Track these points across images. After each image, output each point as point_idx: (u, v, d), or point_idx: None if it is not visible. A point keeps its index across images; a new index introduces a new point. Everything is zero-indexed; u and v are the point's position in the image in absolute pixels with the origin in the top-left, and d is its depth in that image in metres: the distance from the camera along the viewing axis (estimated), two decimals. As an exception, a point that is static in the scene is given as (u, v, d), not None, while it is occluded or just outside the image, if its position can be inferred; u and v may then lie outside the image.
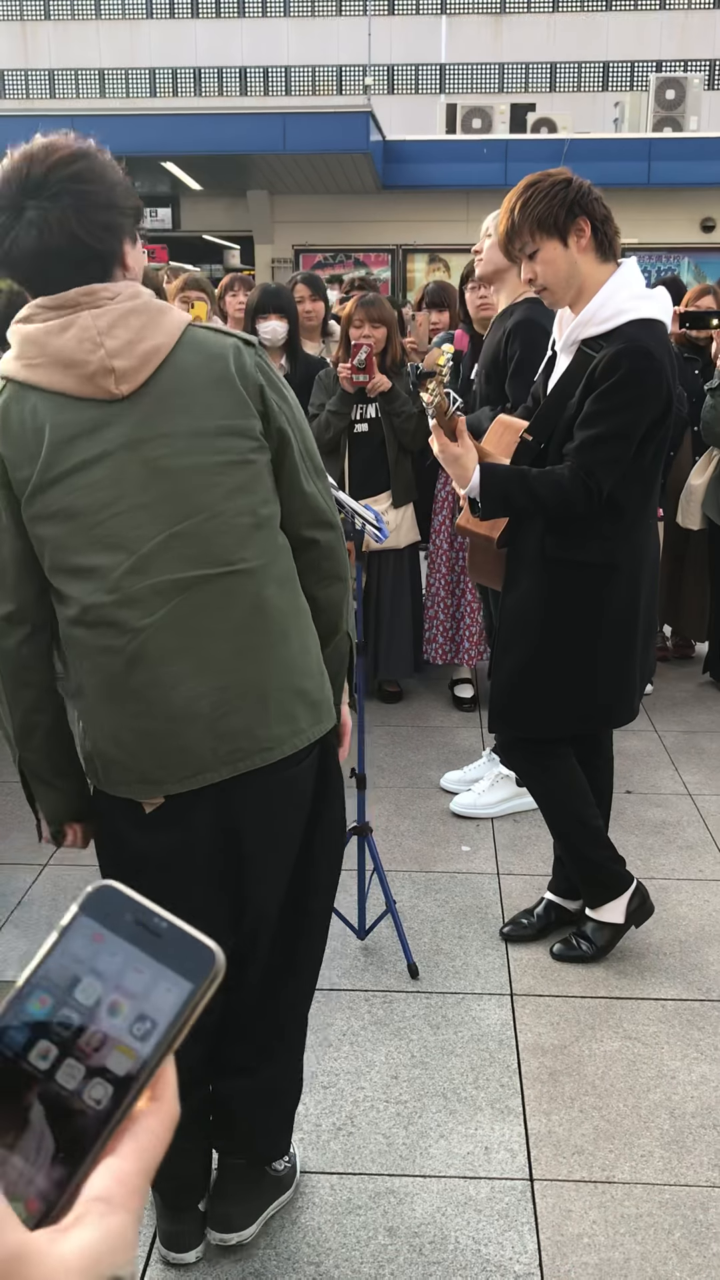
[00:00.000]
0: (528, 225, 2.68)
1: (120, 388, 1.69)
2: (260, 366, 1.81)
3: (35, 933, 3.19)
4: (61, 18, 20.92)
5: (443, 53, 20.26)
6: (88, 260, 1.69)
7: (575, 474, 2.64)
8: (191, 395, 1.73)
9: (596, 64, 19.95)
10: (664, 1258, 2.10)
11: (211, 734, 1.76)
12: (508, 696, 2.93)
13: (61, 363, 1.67)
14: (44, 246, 1.66)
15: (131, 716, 1.75)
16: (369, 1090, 2.56)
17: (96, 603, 1.71)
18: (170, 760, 1.77)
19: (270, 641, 1.80)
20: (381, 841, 3.74)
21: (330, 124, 11.42)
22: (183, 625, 1.73)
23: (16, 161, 1.68)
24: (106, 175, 1.70)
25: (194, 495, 1.72)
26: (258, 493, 1.79)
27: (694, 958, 3.09)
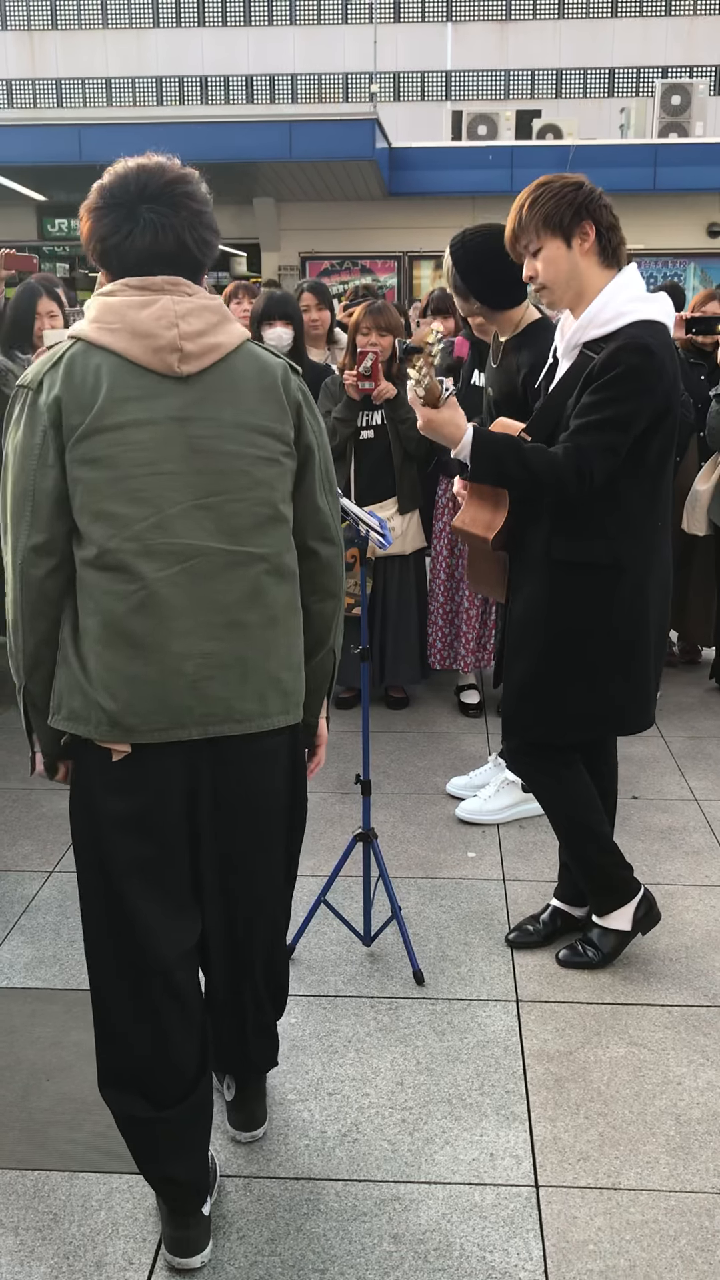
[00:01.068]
0: (534, 223, 2.71)
1: (183, 367, 1.88)
2: (301, 389, 2.04)
3: (42, 939, 3.20)
4: (68, 27, 20.99)
5: (448, 60, 20.29)
6: (185, 266, 1.95)
7: (569, 452, 2.64)
8: (241, 393, 1.93)
9: (602, 70, 19.96)
10: (669, 1264, 2.10)
11: (192, 693, 1.90)
12: (519, 702, 2.92)
13: (137, 332, 1.87)
14: (156, 248, 1.91)
15: (123, 660, 1.87)
16: (374, 1097, 2.56)
17: (115, 548, 1.85)
18: (148, 710, 1.89)
19: (260, 624, 1.96)
20: (387, 847, 3.74)
21: (336, 131, 11.44)
22: (188, 587, 1.88)
23: (131, 171, 1.93)
24: (208, 201, 1.98)
25: (225, 476, 1.90)
26: (278, 490, 1.97)
27: (700, 964, 3.08)
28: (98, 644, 1.88)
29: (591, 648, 2.81)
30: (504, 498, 2.87)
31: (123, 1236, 2.17)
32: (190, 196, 1.93)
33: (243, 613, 1.93)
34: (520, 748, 3.01)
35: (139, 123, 12.61)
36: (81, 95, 21.01)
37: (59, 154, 11.92)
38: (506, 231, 2.80)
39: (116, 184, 1.93)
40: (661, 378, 2.61)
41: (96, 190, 1.95)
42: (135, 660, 1.88)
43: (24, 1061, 2.67)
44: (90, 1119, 2.47)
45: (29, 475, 1.87)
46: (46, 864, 3.64)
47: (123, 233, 1.91)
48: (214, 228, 1.98)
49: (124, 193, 1.92)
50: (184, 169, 1.96)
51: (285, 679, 2.02)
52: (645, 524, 2.77)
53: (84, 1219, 2.22)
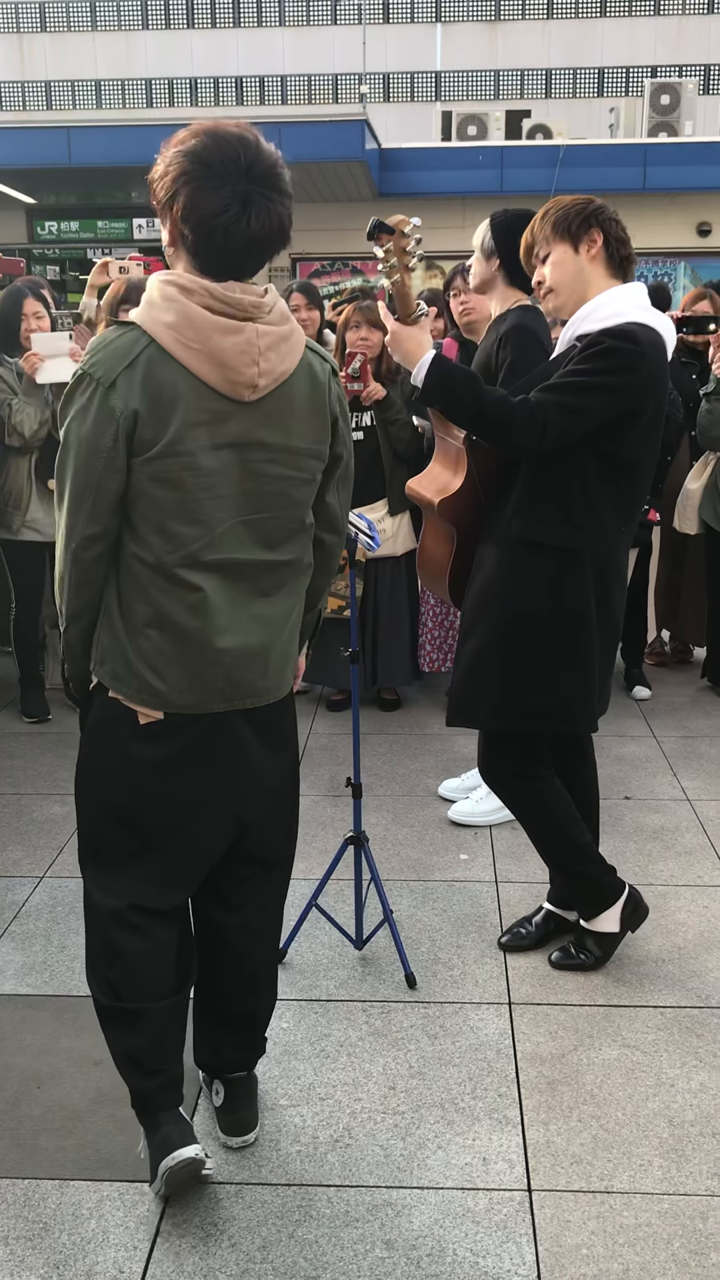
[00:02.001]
0: (544, 231, 2.79)
1: (251, 396, 1.96)
2: (341, 398, 2.13)
3: (32, 945, 3.18)
4: (57, 29, 20.95)
5: (438, 60, 20.28)
6: (269, 255, 1.96)
7: (525, 402, 2.65)
8: (294, 417, 2.02)
9: (591, 70, 19.96)
10: (663, 1268, 2.09)
11: (226, 679, 2.09)
12: (467, 684, 2.91)
13: (217, 360, 1.90)
14: (265, 236, 1.90)
15: (171, 646, 2.05)
16: (366, 1102, 2.54)
17: (171, 562, 2.00)
18: (187, 689, 2.08)
19: (280, 616, 2.15)
20: (379, 850, 3.73)
21: (326, 132, 11.42)
22: (230, 592, 2.05)
23: (233, 142, 1.85)
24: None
25: (268, 498, 2.03)
26: (306, 507, 2.12)
27: (693, 965, 3.08)
28: (149, 628, 2.05)
29: (541, 632, 2.80)
30: (463, 465, 2.85)
31: (113, 1245, 2.16)
32: (288, 181, 1.93)
33: (267, 608, 2.11)
34: (495, 766, 2.99)
35: (129, 125, 12.57)
36: (71, 97, 20.97)
37: (48, 156, 11.89)
38: (522, 248, 2.88)
39: (222, 154, 1.84)
40: (639, 369, 2.61)
41: (191, 157, 1.85)
42: (183, 649, 2.05)
43: (14, 1069, 2.65)
44: (81, 1127, 2.46)
45: (94, 473, 1.94)
46: (37, 869, 3.62)
47: (231, 214, 1.84)
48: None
49: (234, 167, 1.84)
50: (273, 147, 1.93)
51: (292, 654, 2.23)
52: (611, 522, 2.77)
53: (74, 1228, 2.20)
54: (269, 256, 1.96)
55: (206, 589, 2.03)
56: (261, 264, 1.97)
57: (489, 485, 2.89)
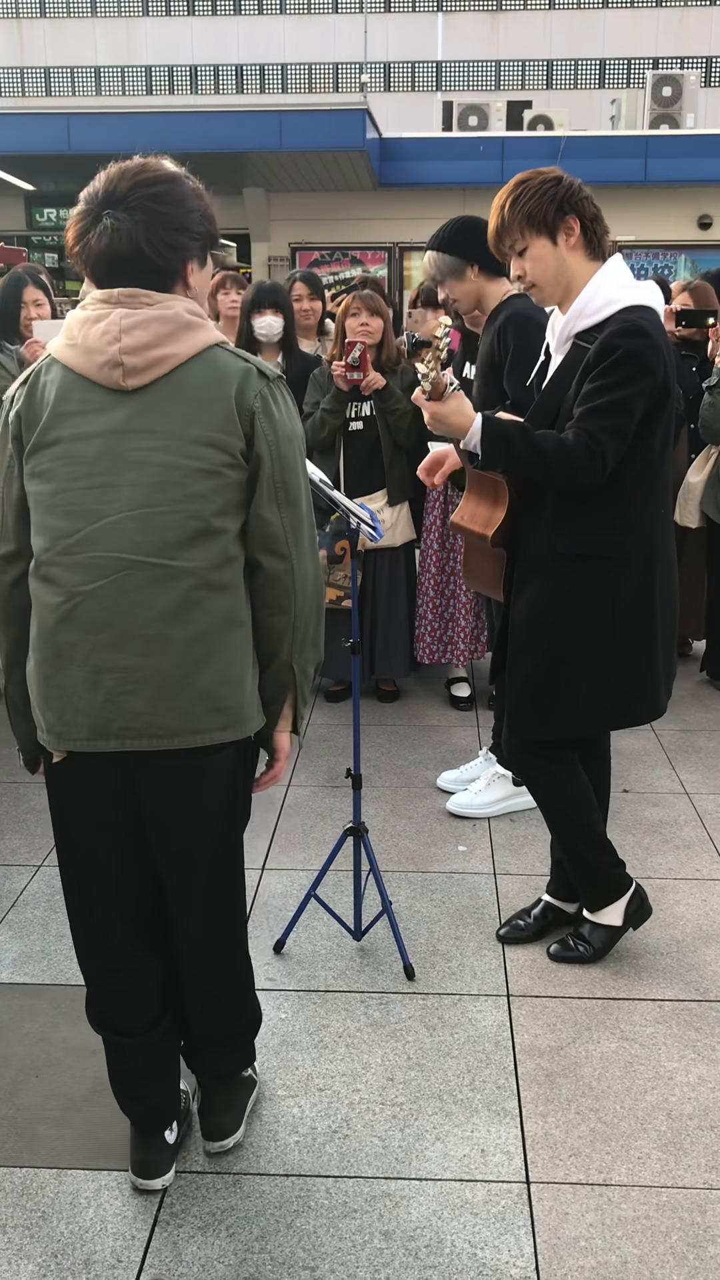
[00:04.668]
0: (517, 222, 2.69)
1: (127, 381, 1.90)
2: (263, 395, 1.97)
3: (30, 934, 3.18)
4: (57, 15, 20.85)
5: (439, 50, 20.21)
6: (146, 271, 1.94)
7: (579, 437, 2.59)
8: (185, 404, 1.92)
9: (593, 61, 19.91)
10: (661, 1260, 2.09)
11: (109, 706, 1.94)
12: (526, 701, 2.86)
13: (86, 348, 1.92)
14: (111, 251, 1.92)
15: (50, 668, 1.95)
16: (364, 1093, 2.54)
17: (47, 560, 1.93)
18: (69, 719, 1.96)
19: (187, 639, 1.94)
20: (377, 842, 3.73)
21: (327, 122, 11.39)
22: (112, 601, 1.91)
23: (110, 174, 1.95)
24: (186, 201, 1.96)
25: (157, 489, 1.90)
26: (215, 502, 1.94)
27: (691, 958, 3.08)
28: (36, 653, 1.98)
29: (602, 642, 2.76)
30: (503, 494, 2.82)
31: (111, 1234, 2.16)
32: (155, 199, 1.92)
33: (168, 627, 1.93)
34: (521, 745, 2.97)
35: (128, 112, 12.54)
36: (70, 84, 20.89)
37: (48, 143, 11.86)
38: (489, 230, 2.78)
39: (92, 188, 1.97)
40: (659, 358, 2.59)
41: (80, 198, 1.99)
42: (62, 671, 1.95)
43: (12, 1058, 2.65)
44: (79, 1116, 2.46)
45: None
46: (34, 858, 3.62)
47: (86, 238, 1.95)
48: (184, 227, 1.95)
49: (93, 198, 1.96)
50: (165, 170, 1.96)
51: (222, 694, 1.99)
52: (647, 512, 2.73)
53: (72, 1217, 2.20)
54: (144, 275, 1.94)
55: (81, 595, 1.91)
56: (139, 278, 1.94)
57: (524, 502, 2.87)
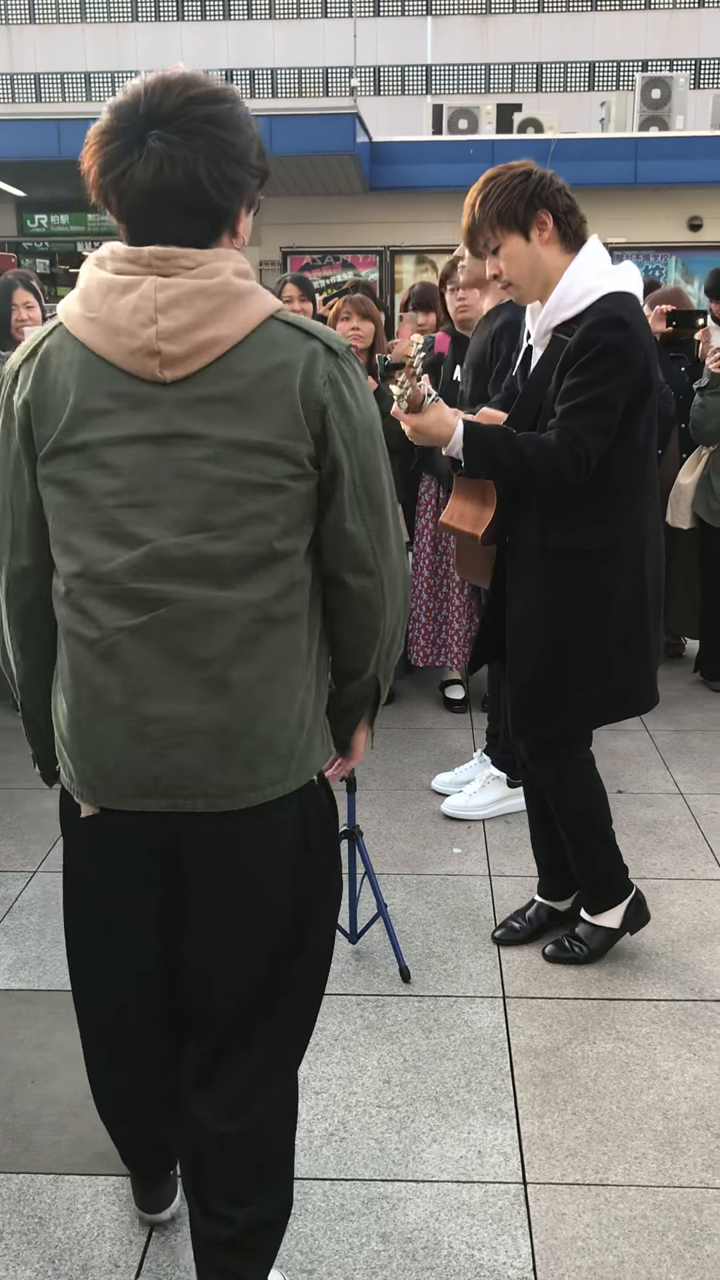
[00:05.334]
0: (488, 221, 2.67)
1: (165, 372, 1.53)
2: (333, 380, 1.59)
3: (25, 940, 3.18)
4: (46, 21, 20.88)
5: (429, 54, 20.26)
6: (202, 214, 1.56)
7: (561, 438, 2.58)
8: (240, 402, 1.54)
9: (582, 64, 19.96)
10: (658, 1260, 2.09)
11: (158, 761, 1.60)
12: (528, 700, 2.86)
13: (112, 326, 1.53)
14: (161, 184, 1.52)
15: (86, 714, 1.63)
16: (361, 1095, 2.54)
17: (79, 589, 1.60)
18: (110, 773, 1.63)
19: (251, 681, 1.61)
20: (372, 844, 3.73)
21: (317, 126, 11.42)
22: (159, 639, 1.58)
23: (150, 84, 1.54)
24: (244, 128, 1.57)
25: (210, 510, 1.55)
26: (279, 522, 1.58)
27: (686, 958, 3.08)
28: (69, 691, 1.65)
29: (597, 636, 2.77)
30: (491, 492, 2.83)
31: (109, 1239, 2.16)
32: (212, 120, 1.52)
33: (228, 669, 1.59)
34: (534, 748, 2.96)
35: (118, 117, 12.52)
36: (60, 90, 20.90)
37: (38, 149, 11.85)
38: (462, 229, 2.76)
39: (126, 102, 1.55)
40: (639, 348, 2.57)
41: (107, 112, 1.57)
42: (100, 717, 1.61)
43: (8, 1064, 2.65)
44: (76, 1121, 2.46)
45: (5, 490, 1.65)
46: (30, 864, 3.61)
47: (121, 167, 1.53)
48: (245, 160, 1.57)
49: (130, 113, 1.53)
50: (219, 85, 1.56)
51: (283, 740, 1.65)
52: (635, 502, 2.73)
53: (70, 1222, 2.20)
54: (195, 215, 1.56)
55: (122, 633, 1.57)
56: (185, 224, 1.55)
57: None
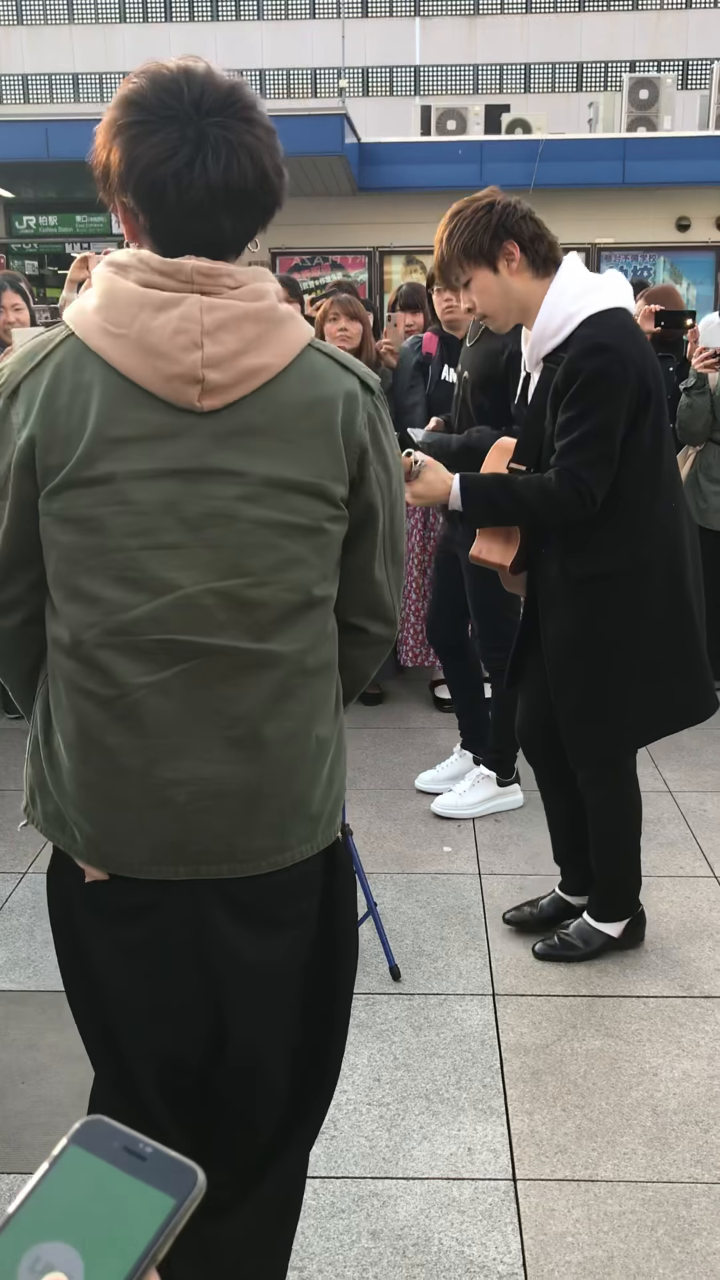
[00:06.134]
0: (455, 257, 2.67)
1: (203, 402, 1.37)
2: (371, 423, 1.48)
3: (15, 941, 3.18)
4: (34, 22, 20.86)
5: (417, 55, 20.28)
6: (260, 211, 1.41)
7: (560, 476, 2.57)
8: (281, 436, 1.40)
9: (570, 65, 20.01)
10: (647, 1255, 2.10)
11: (181, 827, 1.45)
12: (580, 727, 2.84)
13: (147, 347, 1.34)
14: (231, 178, 1.34)
15: (97, 775, 1.45)
16: (351, 1093, 2.55)
17: (92, 640, 1.40)
18: (126, 839, 1.47)
19: (283, 738, 1.47)
20: (362, 843, 3.73)
21: (305, 127, 11.40)
22: (185, 695, 1.42)
23: (177, 74, 1.35)
24: (274, 131, 1.42)
25: (247, 554, 1.40)
26: (318, 568, 1.46)
27: (675, 954, 3.10)
28: (72, 752, 1.46)
29: (639, 653, 2.74)
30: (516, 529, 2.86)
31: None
32: (259, 111, 1.38)
33: (260, 726, 1.45)
34: (594, 776, 2.95)
35: (106, 119, 12.51)
36: (49, 91, 20.87)
37: (26, 150, 11.82)
38: (434, 265, 2.77)
39: (162, 92, 1.33)
40: (627, 367, 2.54)
41: (123, 106, 1.35)
42: (115, 780, 1.44)
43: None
44: (66, 1122, 2.46)
45: None
46: (20, 865, 3.61)
47: (181, 158, 1.31)
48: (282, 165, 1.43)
49: (175, 100, 1.33)
50: (234, 79, 1.39)
51: (314, 798, 1.53)
52: (655, 513, 2.69)
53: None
54: (252, 216, 1.40)
55: (144, 689, 1.40)
56: (239, 225, 1.39)
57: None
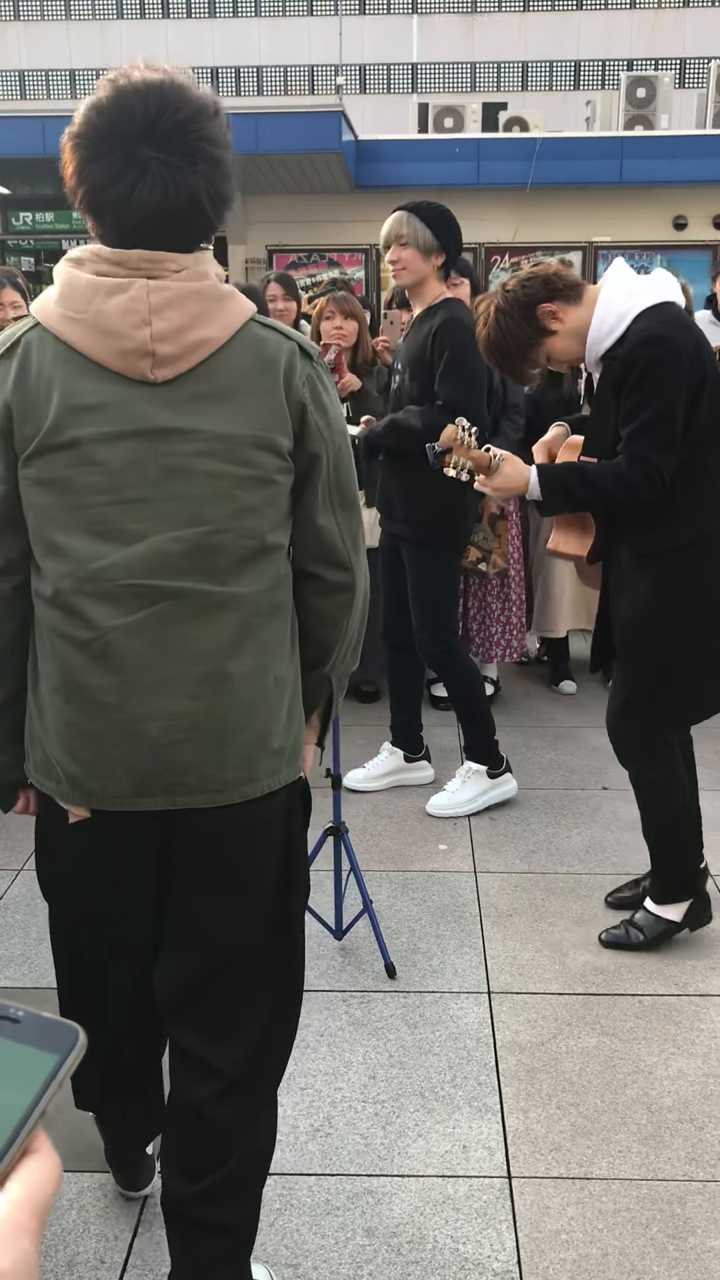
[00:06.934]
0: (515, 354, 2.86)
1: (157, 372, 1.55)
2: (310, 381, 1.66)
3: (10, 938, 3.17)
4: (31, 18, 20.81)
5: (414, 52, 20.25)
6: (200, 231, 1.59)
7: (632, 460, 2.70)
8: (230, 398, 1.59)
9: (568, 63, 19.99)
10: (642, 1252, 2.11)
11: (156, 759, 1.62)
12: (648, 703, 2.94)
13: (101, 328, 1.54)
14: (166, 208, 1.53)
15: (79, 715, 1.62)
16: (346, 1091, 2.55)
17: (69, 589, 1.59)
18: (105, 774, 1.63)
19: (248, 673, 1.64)
20: (358, 841, 3.73)
21: (302, 124, 11.39)
22: (155, 636, 1.59)
23: (138, 93, 1.51)
24: (229, 139, 1.59)
25: (205, 505, 1.58)
26: (269, 516, 1.64)
27: (670, 953, 3.10)
28: (56, 695, 1.64)
29: (709, 627, 2.83)
30: (588, 515, 2.94)
31: (94, 1236, 2.16)
32: (211, 140, 1.54)
33: (224, 662, 1.62)
34: (638, 746, 3.02)
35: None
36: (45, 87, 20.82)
37: (23, 146, 11.80)
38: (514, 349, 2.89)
39: (117, 111, 1.51)
40: (681, 355, 2.66)
41: (89, 113, 1.53)
42: (95, 718, 1.61)
43: (-7, 1061, 2.65)
44: (60, 1119, 2.45)
45: None
46: (15, 862, 3.61)
47: (124, 184, 1.51)
48: (233, 174, 1.59)
49: (126, 126, 1.51)
50: (207, 97, 1.55)
51: (276, 733, 1.70)
52: (719, 487, 2.80)
53: (55, 1219, 2.20)
54: (192, 232, 1.58)
55: (116, 630, 1.58)
56: (181, 240, 1.58)
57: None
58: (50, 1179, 0.52)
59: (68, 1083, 0.56)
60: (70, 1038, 0.55)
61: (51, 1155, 0.53)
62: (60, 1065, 0.54)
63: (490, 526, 4.71)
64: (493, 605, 4.93)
